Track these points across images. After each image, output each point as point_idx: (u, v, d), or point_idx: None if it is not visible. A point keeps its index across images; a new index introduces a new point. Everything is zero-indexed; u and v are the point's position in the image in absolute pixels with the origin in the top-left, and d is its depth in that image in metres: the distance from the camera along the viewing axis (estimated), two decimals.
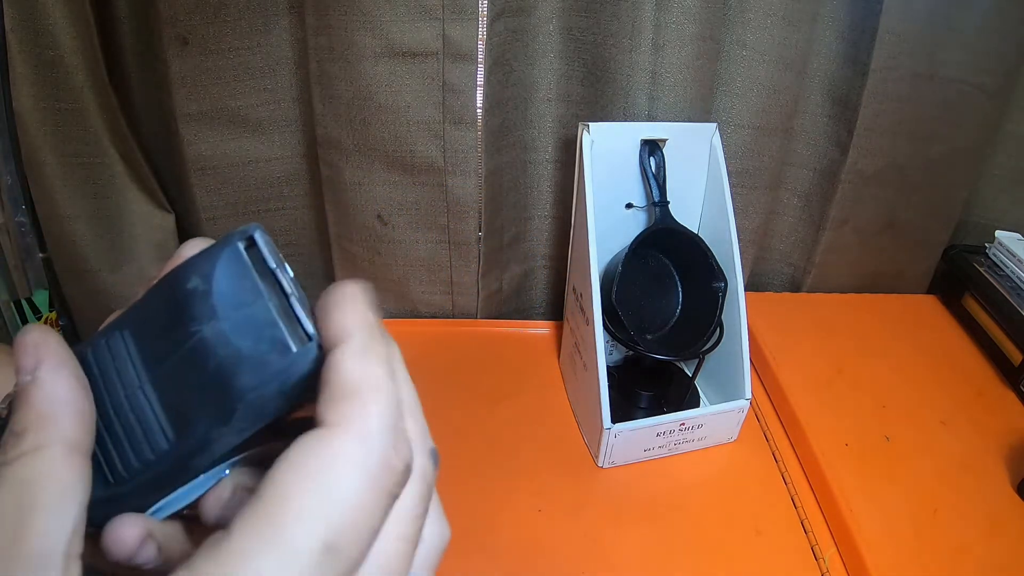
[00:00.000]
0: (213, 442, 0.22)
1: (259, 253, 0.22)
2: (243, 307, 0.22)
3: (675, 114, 0.61)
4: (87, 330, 0.71)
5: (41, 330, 0.21)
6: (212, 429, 0.21)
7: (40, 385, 0.20)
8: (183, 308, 0.22)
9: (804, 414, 0.57)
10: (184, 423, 0.22)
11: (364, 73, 0.57)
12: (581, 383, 0.56)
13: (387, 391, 0.20)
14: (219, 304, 0.21)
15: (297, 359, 0.21)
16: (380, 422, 0.20)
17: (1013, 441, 0.58)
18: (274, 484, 0.19)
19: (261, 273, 0.22)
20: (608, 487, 0.53)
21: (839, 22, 0.63)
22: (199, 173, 0.64)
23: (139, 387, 0.22)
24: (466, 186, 0.62)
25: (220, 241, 0.23)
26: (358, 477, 0.19)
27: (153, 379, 0.22)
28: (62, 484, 0.20)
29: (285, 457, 0.19)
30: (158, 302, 0.23)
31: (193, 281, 0.22)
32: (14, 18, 0.53)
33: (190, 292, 0.22)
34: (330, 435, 0.19)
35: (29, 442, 0.19)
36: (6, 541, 0.18)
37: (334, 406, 0.20)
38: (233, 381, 0.21)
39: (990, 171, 0.76)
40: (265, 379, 0.21)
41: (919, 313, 0.75)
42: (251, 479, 0.24)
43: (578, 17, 0.60)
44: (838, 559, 0.48)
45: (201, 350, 0.21)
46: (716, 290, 0.54)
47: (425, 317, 0.71)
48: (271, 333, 0.21)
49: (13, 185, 0.62)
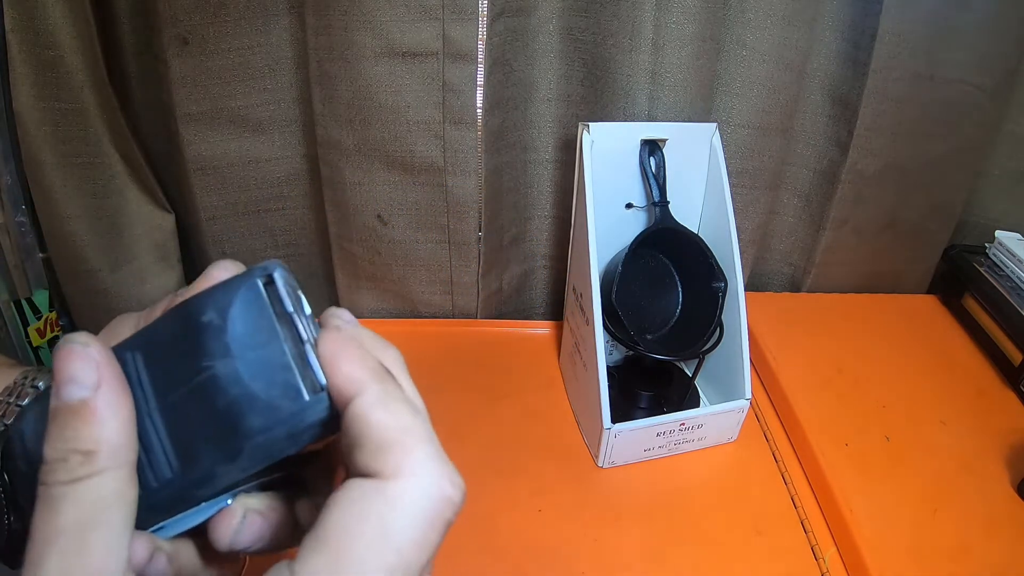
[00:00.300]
0: (217, 477, 0.22)
1: (277, 293, 0.22)
2: (257, 348, 0.21)
3: (675, 114, 0.61)
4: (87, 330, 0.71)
5: (99, 346, 0.21)
6: (217, 465, 0.21)
7: (110, 407, 0.21)
8: (197, 341, 0.21)
9: (804, 414, 0.57)
10: (189, 456, 0.21)
11: (364, 73, 0.57)
12: (581, 383, 0.56)
13: (422, 431, 0.21)
14: (233, 342, 0.21)
15: (309, 407, 0.21)
16: (430, 464, 0.21)
17: (1013, 441, 0.58)
18: (339, 529, 0.20)
19: (278, 314, 0.22)
20: (608, 487, 0.53)
21: (839, 22, 0.63)
22: (199, 173, 0.64)
23: (147, 414, 0.22)
24: (466, 186, 0.62)
25: (241, 275, 0.23)
26: (421, 520, 0.20)
27: (161, 407, 0.22)
28: (128, 504, 0.20)
29: (348, 503, 0.20)
30: (172, 330, 0.22)
31: (209, 315, 0.22)
32: (14, 18, 0.53)
33: (205, 326, 0.21)
34: (386, 485, 0.20)
35: (102, 463, 0.20)
36: (72, 555, 0.19)
37: (380, 458, 0.20)
38: (242, 422, 0.21)
39: (990, 171, 0.76)
40: (274, 423, 0.21)
41: (919, 313, 0.75)
42: (259, 503, 0.24)
43: (578, 17, 0.60)
44: (838, 559, 0.48)
45: (212, 386, 0.21)
46: (716, 290, 0.54)
47: (425, 317, 0.71)
48: (284, 378, 0.21)
49: (13, 185, 0.62)
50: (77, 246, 0.63)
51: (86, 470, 0.20)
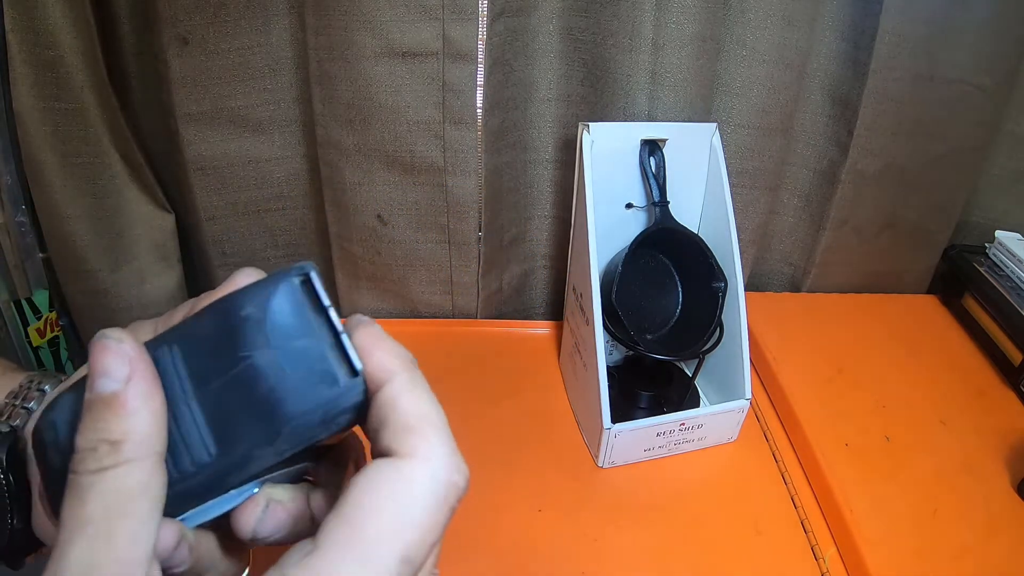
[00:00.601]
0: (253, 460, 0.23)
1: (313, 290, 0.24)
2: (295, 339, 0.23)
3: (675, 114, 0.61)
4: (87, 330, 0.71)
5: (132, 342, 0.22)
6: (254, 448, 0.23)
7: (140, 398, 0.21)
8: (236, 333, 0.23)
9: (804, 414, 0.57)
10: (228, 440, 0.23)
11: (364, 73, 0.57)
12: (581, 383, 0.56)
13: (441, 421, 0.23)
14: (272, 333, 0.23)
15: (344, 392, 0.23)
16: (442, 450, 0.23)
17: (1013, 441, 0.58)
18: (358, 506, 0.21)
19: (314, 308, 0.24)
20: (608, 487, 0.53)
21: (839, 22, 0.63)
22: (199, 173, 0.64)
23: (185, 401, 0.23)
24: (466, 186, 0.62)
25: (275, 274, 0.24)
26: (431, 499, 0.22)
27: (199, 395, 0.23)
28: (154, 494, 0.21)
29: (366, 482, 0.22)
30: (210, 324, 0.24)
31: (248, 309, 0.23)
32: (14, 18, 0.53)
33: (244, 319, 0.23)
34: (402, 464, 0.22)
35: (128, 453, 0.21)
36: (99, 543, 0.20)
37: (401, 438, 0.22)
38: (281, 407, 0.22)
39: (990, 171, 0.76)
40: (312, 408, 0.23)
41: (919, 313, 0.75)
42: (283, 494, 0.26)
43: (578, 17, 0.60)
44: (838, 559, 0.48)
45: (251, 375, 0.23)
46: (716, 290, 0.54)
47: (425, 317, 0.71)
48: (321, 366, 0.23)
49: (13, 185, 0.62)
50: (77, 246, 0.63)
51: (113, 459, 0.20)
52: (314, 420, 0.23)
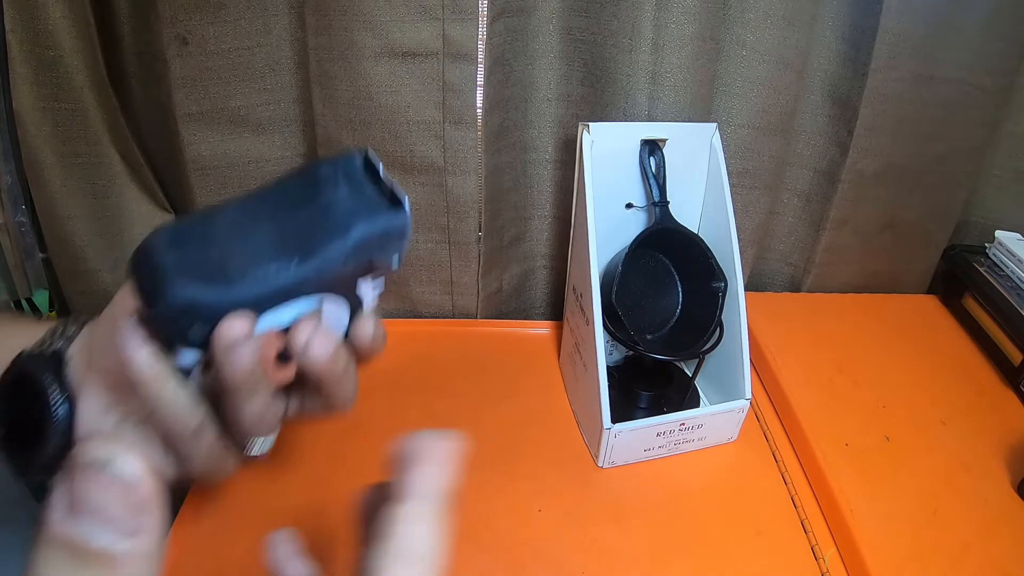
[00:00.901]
0: (324, 270, 0.32)
1: (370, 163, 0.34)
2: (359, 186, 0.34)
3: (675, 114, 0.61)
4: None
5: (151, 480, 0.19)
6: (327, 260, 0.32)
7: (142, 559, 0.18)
8: (315, 182, 0.33)
9: (804, 414, 0.57)
10: (308, 251, 0.32)
11: (364, 73, 0.57)
12: (581, 383, 0.56)
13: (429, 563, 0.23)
14: (343, 183, 0.33)
15: (393, 216, 0.33)
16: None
17: (1013, 441, 0.58)
18: None
19: (370, 171, 0.34)
20: (608, 487, 0.53)
21: (839, 22, 0.63)
22: (199, 173, 0.64)
23: (277, 223, 0.32)
24: (466, 186, 0.62)
25: (339, 154, 0.34)
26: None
27: (289, 220, 0.32)
28: None
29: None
30: (297, 178, 0.34)
31: (324, 169, 0.34)
32: (14, 18, 0.53)
33: (321, 175, 0.34)
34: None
35: None
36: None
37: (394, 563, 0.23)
38: (349, 228, 0.32)
39: (990, 171, 0.76)
40: (370, 226, 0.33)
41: (919, 313, 0.75)
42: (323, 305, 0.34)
43: (578, 17, 0.60)
44: (838, 559, 0.48)
45: (327, 207, 0.33)
46: (716, 290, 0.54)
47: (425, 317, 0.71)
48: (379, 201, 0.33)
49: (13, 185, 0.62)
50: (77, 246, 0.63)
51: None
52: (372, 236, 0.33)
